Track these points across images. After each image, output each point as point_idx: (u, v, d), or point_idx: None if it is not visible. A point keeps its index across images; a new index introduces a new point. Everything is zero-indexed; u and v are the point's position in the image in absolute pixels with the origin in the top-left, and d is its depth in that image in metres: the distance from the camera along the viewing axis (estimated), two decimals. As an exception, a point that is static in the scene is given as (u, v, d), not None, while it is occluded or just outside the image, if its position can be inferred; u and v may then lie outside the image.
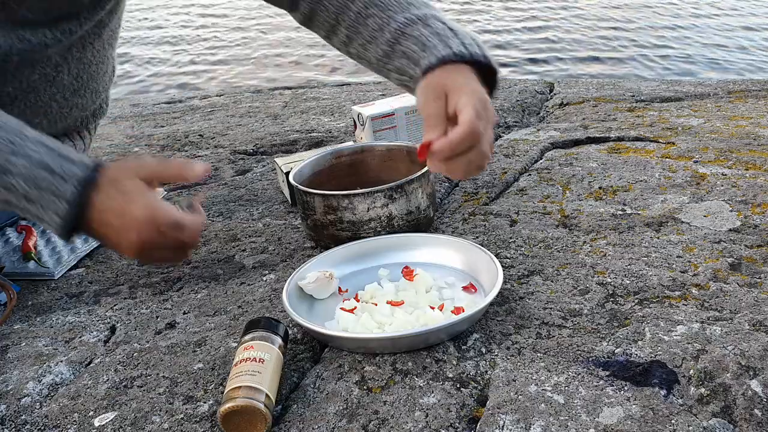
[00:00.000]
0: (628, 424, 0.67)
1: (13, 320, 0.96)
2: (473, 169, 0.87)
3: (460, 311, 0.83)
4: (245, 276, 1.03)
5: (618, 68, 5.24)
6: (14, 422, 0.76)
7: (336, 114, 1.92)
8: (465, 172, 0.88)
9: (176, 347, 0.86)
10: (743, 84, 1.94)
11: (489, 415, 0.70)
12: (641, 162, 1.33)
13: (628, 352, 0.77)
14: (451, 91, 0.88)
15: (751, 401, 0.69)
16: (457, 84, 0.89)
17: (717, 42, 5.76)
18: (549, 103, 1.91)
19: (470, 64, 0.91)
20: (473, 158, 0.85)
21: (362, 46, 1.02)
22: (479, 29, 6.44)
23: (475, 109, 0.85)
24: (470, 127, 0.84)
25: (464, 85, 0.88)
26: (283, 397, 0.76)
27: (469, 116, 0.84)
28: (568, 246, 1.02)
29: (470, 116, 0.84)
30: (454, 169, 0.87)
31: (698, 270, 0.93)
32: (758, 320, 0.81)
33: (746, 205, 1.11)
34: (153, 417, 0.74)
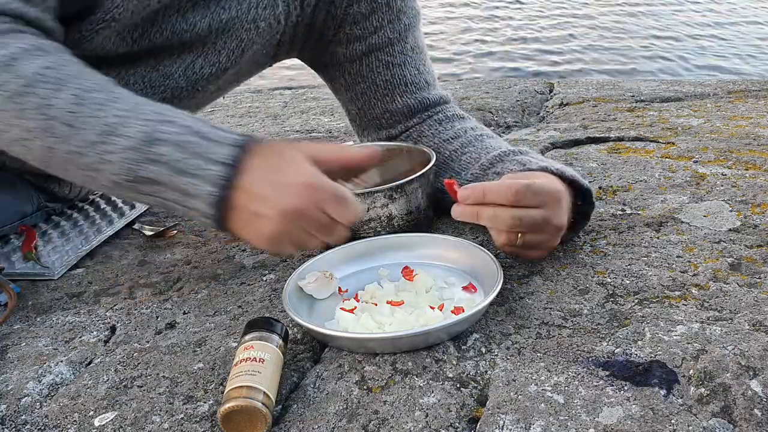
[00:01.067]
0: (628, 424, 0.67)
1: (13, 320, 0.96)
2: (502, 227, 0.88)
3: (460, 311, 0.83)
4: (245, 276, 1.03)
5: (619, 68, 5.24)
6: (14, 422, 0.76)
7: (336, 114, 1.92)
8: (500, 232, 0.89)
9: (176, 347, 0.86)
10: (743, 84, 1.94)
11: (489, 415, 0.70)
12: (641, 162, 1.33)
13: (628, 352, 0.77)
14: (531, 177, 0.90)
15: (751, 401, 0.69)
16: (543, 176, 0.92)
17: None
18: (549, 103, 1.91)
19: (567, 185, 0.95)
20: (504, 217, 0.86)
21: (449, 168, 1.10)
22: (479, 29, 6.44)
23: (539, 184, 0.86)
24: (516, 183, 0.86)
25: (550, 178, 0.91)
26: (283, 397, 0.76)
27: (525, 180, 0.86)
28: (568, 246, 1.02)
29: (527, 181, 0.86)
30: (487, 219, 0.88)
31: (698, 270, 0.93)
32: (758, 320, 0.81)
33: (746, 205, 1.11)
34: (153, 417, 0.74)
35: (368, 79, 1.17)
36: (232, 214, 0.78)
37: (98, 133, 0.78)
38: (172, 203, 0.80)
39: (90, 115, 0.78)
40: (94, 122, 0.78)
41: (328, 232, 0.80)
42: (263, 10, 1.06)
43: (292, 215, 0.77)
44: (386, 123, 1.19)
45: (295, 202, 0.77)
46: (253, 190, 0.77)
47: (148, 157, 0.77)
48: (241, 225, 0.79)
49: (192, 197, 0.78)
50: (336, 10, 1.14)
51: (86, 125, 0.78)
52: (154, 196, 0.80)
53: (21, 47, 0.81)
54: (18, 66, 0.79)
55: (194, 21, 1.02)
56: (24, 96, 0.78)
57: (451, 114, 1.18)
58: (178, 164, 0.77)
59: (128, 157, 0.77)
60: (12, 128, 0.80)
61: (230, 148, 0.78)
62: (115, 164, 0.78)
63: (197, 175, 0.77)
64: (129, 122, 0.78)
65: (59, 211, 1.27)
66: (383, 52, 1.16)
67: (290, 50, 1.20)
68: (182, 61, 1.05)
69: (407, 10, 1.16)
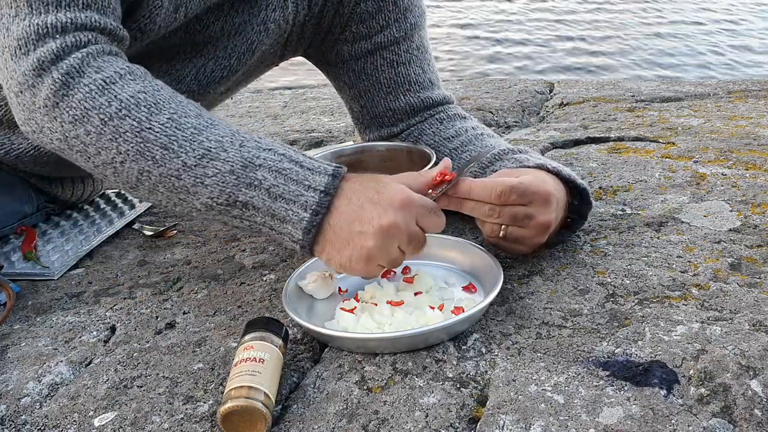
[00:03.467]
0: (628, 424, 0.67)
1: (13, 320, 0.96)
2: (482, 217, 0.89)
3: (460, 311, 0.83)
4: (245, 276, 1.03)
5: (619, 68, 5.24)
6: (14, 422, 0.76)
7: (336, 114, 1.92)
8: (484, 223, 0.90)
9: (176, 347, 0.86)
10: (743, 84, 1.94)
11: (489, 415, 0.70)
12: (641, 162, 1.33)
13: (628, 352, 0.77)
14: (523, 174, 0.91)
15: (751, 401, 0.69)
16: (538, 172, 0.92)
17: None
18: (549, 103, 1.91)
19: (564, 183, 0.95)
20: (484, 208, 0.87)
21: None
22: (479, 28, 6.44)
23: (525, 184, 0.87)
24: (500, 182, 0.86)
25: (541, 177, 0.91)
26: (283, 397, 0.75)
27: (512, 180, 0.87)
28: (568, 246, 1.02)
29: (513, 181, 0.87)
30: (469, 209, 0.88)
31: (698, 270, 0.93)
32: (758, 320, 0.80)
33: (746, 205, 1.11)
34: (153, 417, 0.74)
35: (372, 77, 1.17)
36: (325, 239, 0.81)
37: (196, 157, 0.79)
38: (261, 226, 0.81)
39: (186, 139, 0.80)
40: (191, 146, 0.79)
41: (419, 244, 0.83)
42: (272, 11, 1.06)
43: (391, 230, 0.79)
44: (388, 121, 1.19)
45: (395, 218, 0.79)
46: (351, 211, 0.79)
47: (245, 182, 0.79)
48: (336, 247, 0.80)
49: (284, 222, 0.80)
50: (344, 9, 1.14)
51: (183, 149, 0.79)
52: (244, 219, 0.81)
53: (116, 71, 0.82)
54: (114, 90, 0.80)
55: (207, 22, 1.02)
56: (120, 119, 0.79)
57: (453, 113, 1.18)
58: (275, 189, 0.79)
59: (226, 180, 0.79)
60: (105, 151, 0.81)
61: (326, 176, 0.80)
62: (212, 188, 0.79)
63: (293, 201, 0.79)
64: (227, 147, 0.80)
65: (59, 211, 1.27)
66: (389, 51, 1.16)
67: (297, 49, 1.20)
68: (193, 65, 1.05)
69: (413, 9, 1.17)
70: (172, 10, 0.94)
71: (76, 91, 0.80)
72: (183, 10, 0.95)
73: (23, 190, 1.20)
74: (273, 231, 0.81)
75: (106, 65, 0.82)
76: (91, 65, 0.81)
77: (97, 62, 0.82)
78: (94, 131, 0.80)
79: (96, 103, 0.80)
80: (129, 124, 0.79)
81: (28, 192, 1.20)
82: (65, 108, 0.80)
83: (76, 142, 0.81)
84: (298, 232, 0.80)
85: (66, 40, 0.81)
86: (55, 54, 0.80)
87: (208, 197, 0.80)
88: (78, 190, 1.27)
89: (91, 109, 0.79)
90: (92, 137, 0.80)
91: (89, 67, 0.81)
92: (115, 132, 0.79)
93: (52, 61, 0.80)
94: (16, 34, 0.81)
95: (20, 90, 0.82)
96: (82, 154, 0.82)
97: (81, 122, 0.80)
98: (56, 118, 0.81)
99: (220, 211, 0.81)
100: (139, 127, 0.79)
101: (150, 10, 0.91)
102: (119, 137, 0.79)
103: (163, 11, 0.93)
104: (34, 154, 1.09)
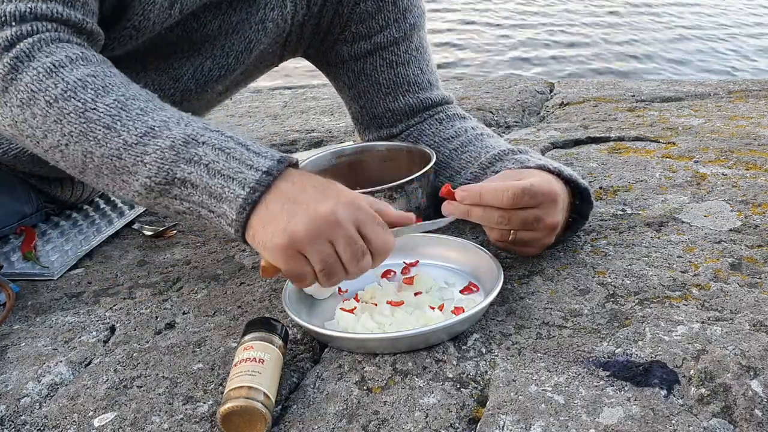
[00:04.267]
0: (628, 424, 0.67)
1: (13, 320, 0.96)
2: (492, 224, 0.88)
3: (460, 311, 0.83)
4: (245, 276, 1.03)
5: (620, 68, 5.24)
6: (14, 422, 0.76)
7: (336, 114, 1.92)
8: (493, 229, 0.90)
9: (176, 347, 0.86)
10: (743, 84, 1.94)
11: (489, 416, 0.70)
12: (641, 162, 1.33)
13: (628, 352, 0.77)
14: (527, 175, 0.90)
15: (752, 401, 0.68)
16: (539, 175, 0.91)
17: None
18: (549, 102, 1.91)
19: (565, 184, 0.95)
20: (494, 215, 0.86)
21: (449, 167, 1.10)
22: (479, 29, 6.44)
23: (536, 186, 0.86)
24: (512, 186, 0.86)
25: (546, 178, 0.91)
26: (283, 397, 0.75)
27: (522, 183, 0.86)
28: (569, 246, 1.02)
29: (523, 184, 0.86)
30: (476, 217, 0.88)
31: (699, 270, 0.93)
32: (759, 320, 0.80)
33: (747, 205, 1.11)
34: (153, 417, 0.74)
35: (372, 78, 1.17)
36: (257, 218, 0.75)
37: (138, 135, 0.77)
38: (199, 208, 0.78)
39: (131, 119, 0.78)
40: (135, 125, 0.78)
41: (357, 253, 0.75)
42: (271, 11, 1.06)
43: (327, 220, 0.73)
44: (388, 122, 1.19)
45: (335, 209, 0.74)
46: (291, 191, 0.75)
47: (185, 157, 0.76)
48: (263, 222, 0.75)
49: (221, 201, 0.76)
50: (343, 9, 1.14)
51: (126, 128, 0.78)
52: (183, 201, 0.78)
53: (66, 56, 0.81)
54: (62, 73, 0.79)
55: (205, 20, 1.02)
56: (65, 101, 0.78)
57: (452, 113, 1.18)
58: (215, 166, 0.76)
59: (165, 157, 0.76)
60: (51, 134, 0.80)
61: (272, 160, 0.77)
62: (150, 165, 0.77)
63: (232, 178, 0.75)
64: (171, 126, 0.78)
65: (58, 212, 1.27)
66: (388, 51, 1.16)
67: (296, 49, 1.20)
68: (191, 63, 1.05)
69: (413, 9, 1.16)
70: (166, 6, 0.93)
71: (24, 74, 0.79)
72: (178, 6, 0.95)
73: (23, 190, 1.19)
74: (211, 213, 0.77)
75: (57, 50, 0.81)
76: (42, 50, 0.80)
77: (49, 47, 0.81)
78: (40, 114, 0.79)
79: (42, 86, 0.79)
80: (73, 105, 0.78)
81: (28, 192, 1.20)
82: (13, 92, 0.79)
83: (24, 126, 0.80)
84: (233, 211, 0.75)
85: (21, 29, 0.80)
86: (8, 41, 0.79)
87: (146, 176, 0.77)
88: (77, 191, 1.27)
89: (38, 92, 0.79)
90: (38, 120, 0.79)
91: (40, 51, 0.80)
92: (59, 113, 0.78)
93: (5, 48, 0.79)
94: None
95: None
96: (31, 139, 0.81)
97: (28, 105, 0.79)
98: (6, 103, 0.80)
99: (160, 192, 0.78)
100: (83, 107, 0.78)
101: (143, 7, 0.91)
102: (63, 118, 0.78)
103: (157, 7, 0.92)
104: (32, 154, 1.09)
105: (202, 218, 0.79)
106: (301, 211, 0.74)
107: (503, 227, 0.88)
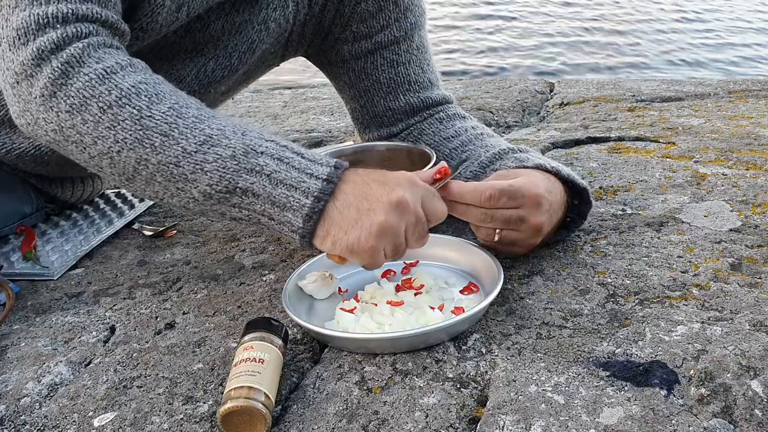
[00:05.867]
0: (628, 424, 0.67)
1: (13, 320, 0.96)
2: (475, 222, 0.89)
3: (460, 311, 0.83)
4: (245, 276, 1.03)
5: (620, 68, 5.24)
6: (14, 422, 0.76)
7: (336, 114, 1.92)
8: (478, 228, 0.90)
9: (176, 347, 0.86)
10: (744, 84, 1.94)
11: (489, 416, 0.70)
12: (642, 162, 1.33)
13: (628, 352, 0.77)
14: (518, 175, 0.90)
15: (752, 401, 0.68)
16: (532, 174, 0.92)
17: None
18: (549, 102, 1.91)
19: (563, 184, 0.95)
20: (476, 213, 0.87)
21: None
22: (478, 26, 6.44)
23: (516, 187, 0.86)
24: (491, 186, 0.86)
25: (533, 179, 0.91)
26: (283, 397, 0.75)
27: (503, 184, 0.86)
28: (569, 246, 1.02)
29: (504, 185, 0.86)
30: (459, 214, 0.88)
31: (699, 270, 0.93)
32: (759, 320, 0.80)
33: (747, 205, 1.11)
34: (153, 417, 0.74)
35: (372, 77, 1.17)
36: (331, 223, 0.78)
37: (197, 143, 0.78)
38: (260, 216, 0.79)
39: (188, 127, 0.79)
40: (192, 133, 0.78)
41: (423, 231, 0.81)
42: (273, 11, 1.06)
43: (401, 204, 0.78)
44: (388, 121, 1.19)
45: (404, 193, 0.78)
46: (358, 192, 0.78)
47: (246, 167, 0.77)
48: (344, 229, 0.78)
49: (285, 210, 0.78)
50: (344, 8, 1.14)
51: (183, 136, 0.78)
52: (243, 209, 0.79)
53: (117, 62, 0.81)
54: (114, 79, 0.79)
55: (208, 21, 1.02)
56: (120, 107, 0.78)
57: (452, 113, 1.18)
58: (277, 175, 0.77)
59: (226, 166, 0.78)
60: (102, 140, 0.79)
61: (329, 167, 0.79)
62: (212, 174, 0.78)
63: (295, 187, 0.77)
64: (228, 135, 0.79)
65: (58, 212, 1.27)
66: (389, 51, 1.16)
67: (298, 49, 1.20)
68: (194, 64, 1.05)
69: (414, 8, 1.17)
70: (174, 9, 0.94)
71: (75, 80, 0.79)
72: (185, 9, 0.95)
73: (23, 190, 1.19)
74: (272, 221, 0.79)
75: (107, 56, 0.81)
76: (92, 56, 0.80)
77: (98, 53, 0.81)
78: (91, 120, 0.79)
79: (95, 92, 0.79)
80: (129, 112, 0.78)
81: (28, 192, 1.20)
82: (63, 97, 0.79)
83: (72, 132, 0.80)
84: (299, 219, 0.78)
85: (67, 31, 0.80)
86: (55, 44, 0.79)
87: (207, 184, 0.78)
88: (78, 191, 1.27)
89: (90, 98, 0.78)
90: (89, 126, 0.79)
91: (90, 57, 0.80)
92: (113, 120, 0.78)
93: (52, 50, 0.79)
94: (15, 24, 0.80)
95: (17, 80, 0.80)
96: (78, 145, 0.81)
97: (78, 111, 0.79)
98: (53, 108, 0.79)
99: (219, 200, 0.79)
100: (138, 114, 0.78)
101: (152, 9, 0.91)
102: (117, 125, 0.78)
103: (165, 10, 0.92)
104: (35, 154, 1.09)
105: (261, 225, 0.81)
106: (377, 205, 0.77)
107: (486, 225, 0.89)
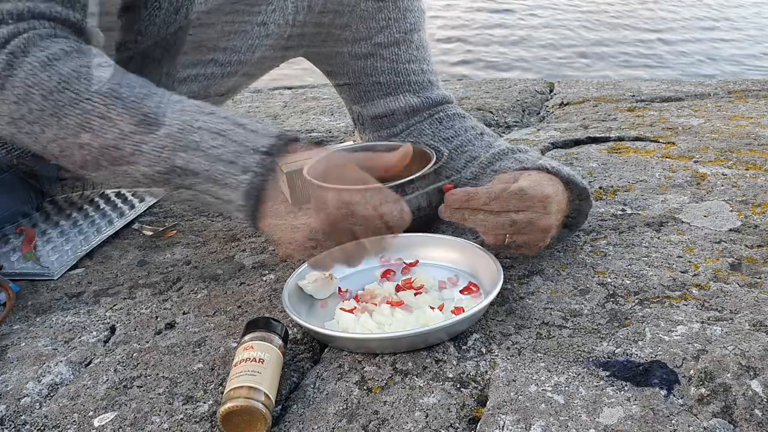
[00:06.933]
0: (628, 424, 0.67)
1: (13, 320, 0.96)
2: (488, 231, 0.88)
3: (460, 311, 0.83)
4: (245, 276, 1.03)
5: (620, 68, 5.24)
6: (14, 422, 0.76)
7: (336, 114, 1.92)
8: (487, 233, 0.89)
9: (176, 347, 0.86)
10: (743, 84, 1.94)
11: (489, 416, 0.70)
12: (641, 162, 1.33)
13: (628, 352, 0.77)
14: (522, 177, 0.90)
15: (752, 401, 0.68)
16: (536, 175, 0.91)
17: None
18: (549, 102, 1.91)
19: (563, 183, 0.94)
20: (490, 223, 0.87)
21: (449, 167, 1.09)
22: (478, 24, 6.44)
23: (524, 188, 0.86)
24: (498, 188, 0.86)
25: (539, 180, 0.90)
26: (283, 397, 0.75)
27: (510, 185, 0.86)
28: (569, 246, 1.02)
29: (511, 186, 0.86)
30: (472, 223, 0.88)
31: (698, 270, 0.93)
32: (759, 320, 0.80)
33: (746, 205, 1.11)
34: (153, 417, 0.74)
35: (372, 78, 1.17)
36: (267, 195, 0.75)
37: (134, 123, 0.76)
38: (205, 195, 0.77)
39: (125, 108, 0.77)
40: (129, 113, 0.76)
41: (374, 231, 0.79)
42: (272, 12, 1.06)
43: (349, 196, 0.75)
44: (388, 121, 1.19)
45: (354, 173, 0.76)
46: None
47: (182, 145, 0.75)
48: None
49: (225, 188, 0.75)
50: (344, 9, 1.14)
51: (121, 117, 0.76)
52: (187, 189, 0.77)
53: (61, 49, 0.80)
54: (56, 65, 0.78)
55: (207, 22, 1.02)
56: (60, 93, 0.77)
57: (452, 113, 1.18)
58: (213, 151, 0.74)
59: (163, 145, 0.75)
60: (48, 128, 0.78)
61: (271, 138, 0.76)
62: (149, 154, 0.76)
63: (232, 162, 0.74)
64: (166, 112, 0.76)
65: (59, 212, 1.27)
66: (388, 51, 1.16)
67: (298, 49, 1.20)
68: (194, 65, 1.05)
69: (413, 9, 1.17)
70: (171, 11, 0.93)
71: (19, 70, 0.78)
72: (183, 12, 0.95)
73: (23, 190, 1.19)
74: (218, 200, 0.77)
75: (52, 44, 0.80)
76: (38, 44, 0.79)
77: (44, 42, 0.79)
78: (36, 108, 0.78)
79: (37, 80, 0.77)
80: (68, 97, 0.77)
81: (28, 192, 1.20)
82: (10, 88, 0.78)
83: (22, 123, 0.79)
84: (239, 197, 0.75)
85: (18, 26, 0.79)
86: (5, 38, 0.79)
87: (146, 165, 0.76)
88: (78, 191, 1.27)
89: (33, 86, 0.77)
90: (35, 115, 0.78)
91: (35, 46, 0.79)
92: (55, 106, 0.77)
93: (2, 45, 0.78)
94: None
95: None
96: (30, 135, 0.80)
97: (24, 101, 0.78)
98: (4, 100, 0.79)
99: (161, 181, 0.77)
100: (77, 98, 0.77)
101: (149, 11, 0.91)
102: (59, 111, 0.77)
103: (162, 12, 0.92)
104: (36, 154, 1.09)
105: (211, 205, 0.78)
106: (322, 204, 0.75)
107: (496, 231, 0.88)
